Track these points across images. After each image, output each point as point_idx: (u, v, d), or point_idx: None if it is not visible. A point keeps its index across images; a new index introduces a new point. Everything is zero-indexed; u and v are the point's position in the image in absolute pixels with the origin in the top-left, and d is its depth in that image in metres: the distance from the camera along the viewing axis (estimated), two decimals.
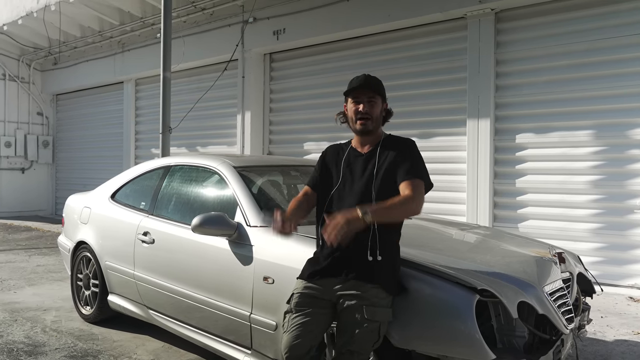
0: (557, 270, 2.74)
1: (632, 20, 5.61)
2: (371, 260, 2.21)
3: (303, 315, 2.27)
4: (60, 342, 3.97)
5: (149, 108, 10.95)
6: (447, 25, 6.86)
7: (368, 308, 2.19)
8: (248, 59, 8.67)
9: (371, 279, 2.22)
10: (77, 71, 12.16)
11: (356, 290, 2.22)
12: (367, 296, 2.21)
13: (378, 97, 2.37)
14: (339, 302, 2.26)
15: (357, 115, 2.37)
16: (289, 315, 2.32)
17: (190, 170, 3.92)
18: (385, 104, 2.45)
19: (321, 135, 8.20)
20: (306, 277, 2.34)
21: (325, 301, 2.29)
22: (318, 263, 2.34)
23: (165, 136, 7.29)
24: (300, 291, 2.33)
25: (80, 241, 4.57)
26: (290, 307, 2.32)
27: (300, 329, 2.25)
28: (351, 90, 2.38)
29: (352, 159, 2.43)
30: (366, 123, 2.36)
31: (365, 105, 2.35)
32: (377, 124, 2.40)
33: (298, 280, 2.38)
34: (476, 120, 6.48)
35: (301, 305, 2.29)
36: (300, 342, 2.24)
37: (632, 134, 5.64)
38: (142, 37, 10.38)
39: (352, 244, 2.19)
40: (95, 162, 12.31)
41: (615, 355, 3.74)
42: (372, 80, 2.37)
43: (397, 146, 2.38)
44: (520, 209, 6.31)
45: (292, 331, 2.26)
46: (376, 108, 2.37)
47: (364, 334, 2.19)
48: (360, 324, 2.18)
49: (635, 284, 5.58)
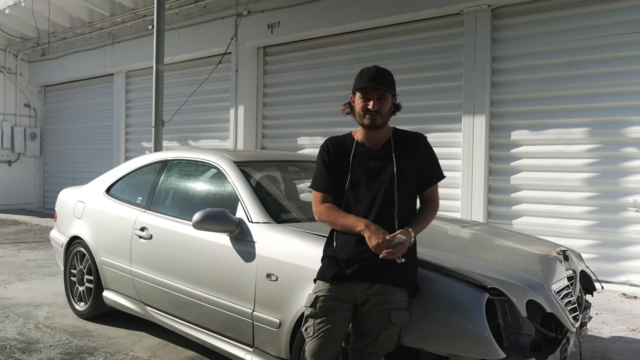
0: (563, 268, 2.74)
1: (628, 19, 5.64)
2: (398, 263, 2.17)
3: (328, 321, 2.20)
4: (54, 338, 3.90)
5: (140, 101, 10.82)
6: (443, 21, 6.84)
7: (394, 312, 2.16)
8: (241, 53, 8.58)
9: (399, 283, 2.19)
10: (66, 62, 11.96)
11: (383, 294, 2.18)
12: (393, 300, 2.18)
13: (388, 94, 2.28)
14: (364, 305, 2.21)
15: (365, 111, 2.28)
16: (313, 320, 2.23)
17: (189, 164, 3.86)
18: (395, 97, 2.35)
19: (315, 130, 8.15)
20: (330, 280, 2.25)
21: (349, 304, 2.23)
22: (341, 267, 2.24)
23: (158, 130, 7.20)
24: (324, 294, 2.23)
25: (74, 236, 4.49)
26: (314, 311, 2.23)
27: (327, 337, 2.19)
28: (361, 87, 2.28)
29: (363, 155, 2.32)
30: (375, 119, 2.27)
31: (375, 102, 2.25)
32: (385, 119, 2.32)
33: (320, 282, 2.29)
34: (472, 116, 6.49)
35: (326, 309, 2.21)
36: (328, 351, 2.18)
37: (627, 132, 5.68)
38: (134, 29, 10.23)
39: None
40: (84, 155, 12.15)
41: (612, 352, 3.77)
42: (383, 76, 2.26)
43: (412, 144, 2.33)
44: (514, 205, 6.34)
45: (319, 338, 2.19)
46: (386, 105, 2.28)
47: (387, 337, 2.17)
48: (385, 328, 2.16)
49: (628, 281, 5.63)
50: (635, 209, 5.63)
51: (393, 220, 2.22)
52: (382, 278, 2.19)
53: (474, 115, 6.46)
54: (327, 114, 7.94)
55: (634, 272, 5.64)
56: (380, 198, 2.24)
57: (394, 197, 2.23)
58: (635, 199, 5.63)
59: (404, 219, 2.25)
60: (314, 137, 8.18)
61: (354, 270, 2.22)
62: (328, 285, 2.25)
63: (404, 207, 2.25)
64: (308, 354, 2.23)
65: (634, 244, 5.64)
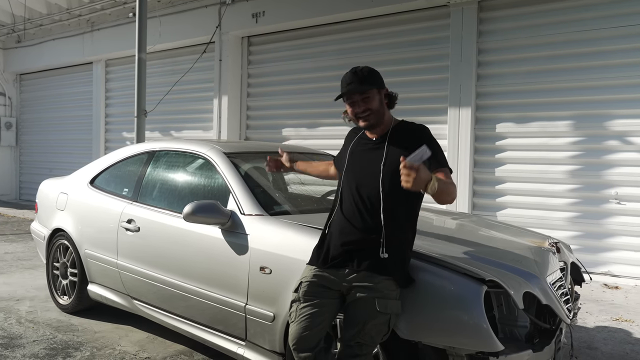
0: (556, 260, 2.76)
1: (613, 13, 5.70)
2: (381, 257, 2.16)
3: (311, 305, 2.22)
4: (37, 333, 3.81)
5: (120, 90, 10.61)
6: (430, 12, 6.83)
7: (380, 300, 2.14)
8: (225, 42, 8.46)
9: (383, 271, 2.18)
10: (43, 50, 11.65)
11: (368, 282, 2.17)
12: (378, 288, 2.16)
13: (371, 91, 2.26)
14: (350, 293, 2.21)
15: (356, 116, 2.31)
16: (296, 305, 2.25)
17: (177, 155, 3.79)
18: (385, 89, 2.33)
19: (300, 121, 8.11)
20: (315, 264, 2.28)
21: (334, 291, 2.24)
22: (328, 251, 2.28)
23: (141, 120, 7.07)
24: (309, 280, 2.26)
25: (56, 228, 4.38)
26: (298, 295, 2.26)
27: (309, 320, 2.20)
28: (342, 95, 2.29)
29: (360, 144, 2.38)
30: (368, 119, 2.28)
31: (360, 104, 2.26)
32: (380, 114, 2.30)
33: (307, 267, 2.32)
34: (457, 108, 6.51)
35: (309, 294, 2.24)
36: (309, 334, 2.19)
37: (610, 125, 5.76)
38: (113, 16, 10.00)
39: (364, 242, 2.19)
40: (62, 146, 11.88)
41: (597, 341, 3.83)
42: (361, 77, 2.25)
43: (410, 135, 2.29)
44: (499, 197, 6.40)
45: (301, 322, 2.21)
46: (373, 102, 2.27)
47: (374, 327, 2.15)
48: (371, 317, 2.14)
49: (609, 271, 5.74)
50: (617, 201, 5.74)
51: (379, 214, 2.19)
52: (366, 264, 2.19)
53: (460, 108, 6.48)
54: (313, 105, 7.89)
55: (615, 263, 5.75)
56: (366, 188, 2.24)
57: (378, 186, 2.20)
58: (617, 191, 5.73)
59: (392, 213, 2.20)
60: (298, 128, 8.13)
61: (337, 255, 2.24)
62: (312, 271, 2.28)
63: (391, 199, 2.20)
64: (290, 338, 2.23)
65: (615, 236, 5.75)
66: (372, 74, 2.29)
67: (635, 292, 5.25)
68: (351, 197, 2.29)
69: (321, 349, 2.20)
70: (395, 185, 2.17)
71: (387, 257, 2.16)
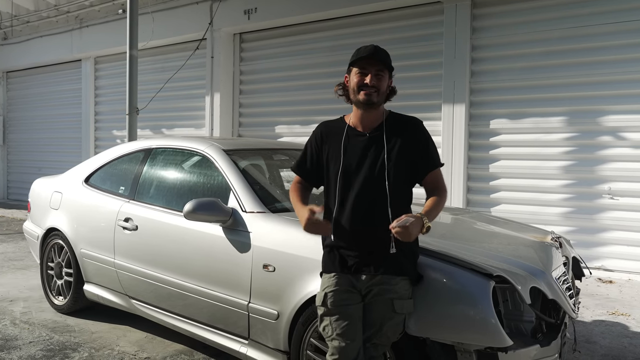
0: (559, 254, 2.77)
1: (607, 9, 5.74)
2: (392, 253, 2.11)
3: (344, 317, 2.13)
4: (33, 334, 3.75)
5: (110, 88, 10.49)
6: (423, 9, 6.83)
7: (397, 301, 2.11)
8: (217, 39, 8.39)
9: (400, 272, 2.14)
10: (30, 47, 11.47)
11: (385, 284, 2.12)
12: (395, 289, 2.13)
13: (386, 71, 2.19)
14: (367, 295, 2.15)
15: (361, 87, 2.16)
16: (328, 319, 2.15)
17: (175, 153, 3.74)
18: (391, 80, 2.26)
19: (293, 118, 8.07)
20: (333, 270, 2.19)
21: (357, 294, 2.17)
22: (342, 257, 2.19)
23: (132, 117, 7.01)
24: (332, 289, 2.16)
25: (51, 228, 4.31)
26: (327, 308, 2.15)
27: (346, 333, 2.11)
28: (358, 60, 2.17)
29: (352, 139, 2.22)
30: (371, 95, 2.14)
31: (372, 77, 2.15)
32: (382, 98, 2.21)
33: (324, 276, 2.23)
34: (451, 105, 6.52)
35: (338, 304, 2.14)
36: (349, 346, 2.10)
37: (603, 121, 5.81)
38: (102, 13, 9.88)
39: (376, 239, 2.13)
40: (51, 144, 11.72)
41: (595, 335, 3.86)
42: (382, 52, 2.18)
43: (407, 128, 2.24)
44: (493, 193, 6.43)
45: (339, 336, 2.11)
46: (383, 82, 2.18)
47: (392, 327, 2.13)
48: (389, 318, 2.12)
49: (603, 266, 5.79)
50: (610, 196, 5.78)
51: (386, 208, 2.13)
52: (383, 268, 2.14)
53: (454, 104, 6.49)
54: (305, 102, 7.86)
55: (608, 258, 5.80)
56: (370, 184, 2.15)
57: (384, 182, 2.13)
58: (610, 186, 5.77)
59: (398, 207, 2.15)
60: (292, 125, 8.10)
61: (353, 262, 2.16)
62: (333, 279, 2.18)
63: (397, 194, 2.16)
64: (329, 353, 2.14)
65: (608, 230, 5.80)
66: (389, 58, 2.23)
67: (629, 286, 5.31)
68: (355, 196, 2.18)
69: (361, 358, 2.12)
70: (398, 177, 2.16)
71: (396, 252, 2.11)
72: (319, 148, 2.31)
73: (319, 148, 2.31)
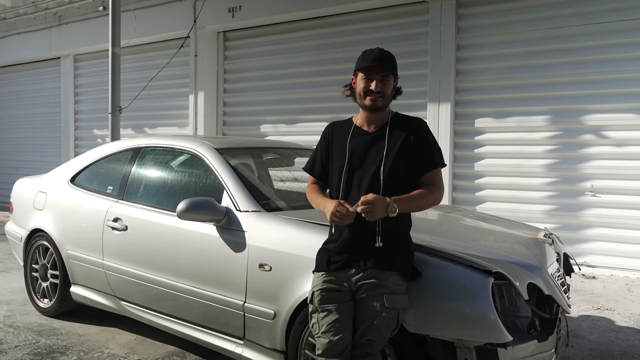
0: (553, 251, 2.81)
1: (588, 10, 5.85)
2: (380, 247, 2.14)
3: (331, 313, 2.17)
4: (19, 338, 3.66)
5: (90, 86, 10.32)
6: (408, 8, 6.87)
7: (388, 296, 2.13)
8: (201, 37, 8.31)
9: (390, 266, 2.16)
10: (7, 45, 11.21)
11: (375, 279, 2.15)
12: (386, 284, 2.15)
13: (391, 76, 2.26)
14: (358, 291, 2.19)
15: (367, 93, 2.25)
16: (316, 316, 2.21)
17: (165, 152, 3.69)
18: (396, 81, 2.32)
19: (278, 117, 8.04)
20: (322, 269, 2.24)
21: (347, 292, 2.21)
22: (332, 254, 2.24)
23: (115, 116, 6.92)
24: (320, 287, 2.21)
25: (35, 229, 4.21)
26: (315, 306, 2.21)
27: (333, 328, 2.16)
28: (363, 67, 2.24)
29: (357, 138, 2.30)
30: (376, 100, 2.23)
31: (377, 83, 2.22)
32: (387, 101, 2.28)
33: (315, 275, 2.28)
34: (437, 104, 6.57)
35: (326, 302, 2.19)
36: (336, 341, 2.15)
37: (586, 120, 5.92)
38: (82, 10, 9.70)
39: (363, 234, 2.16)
40: (29, 144, 11.47)
41: (583, 330, 3.93)
42: (387, 58, 2.24)
43: (410, 127, 2.28)
44: (478, 191, 6.50)
45: (326, 332, 2.16)
46: (388, 87, 2.25)
47: (384, 323, 2.14)
48: (380, 313, 2.13)
49: (585, 262, 5.90)
50: (593, 194, 5.90)
51: None
52: (372, 262, 2.17)
53: (439, 103, 6.55)
54: (291, 101, 7.84)
55: (590, 254, 5.91)
56: (368, 180, 2.21)
57: (379, 179, 2.19)
58: (592, 183, 5.88)
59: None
60: (277, 124, 8.07)
61: (343, 257, 2.21)
62: (322, 277, 2.24)
63: (392, 191, 2.18)
64: (317, 348, 2.19)
65: (590, 227, 5.91)
66: (394, 62, 2.29)
67: (612, 281, 5.42)
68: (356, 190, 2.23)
69: (348, 354, 2.15)
70: (394, 173, 2.21)
71: (384, 247, 2.15)
72: (328, 148, 2.40)
73: (328, 148, 2.40)
